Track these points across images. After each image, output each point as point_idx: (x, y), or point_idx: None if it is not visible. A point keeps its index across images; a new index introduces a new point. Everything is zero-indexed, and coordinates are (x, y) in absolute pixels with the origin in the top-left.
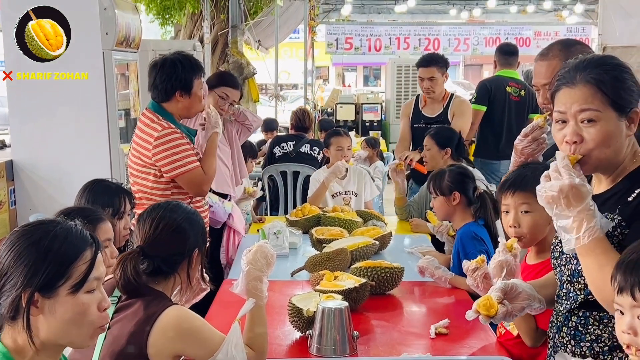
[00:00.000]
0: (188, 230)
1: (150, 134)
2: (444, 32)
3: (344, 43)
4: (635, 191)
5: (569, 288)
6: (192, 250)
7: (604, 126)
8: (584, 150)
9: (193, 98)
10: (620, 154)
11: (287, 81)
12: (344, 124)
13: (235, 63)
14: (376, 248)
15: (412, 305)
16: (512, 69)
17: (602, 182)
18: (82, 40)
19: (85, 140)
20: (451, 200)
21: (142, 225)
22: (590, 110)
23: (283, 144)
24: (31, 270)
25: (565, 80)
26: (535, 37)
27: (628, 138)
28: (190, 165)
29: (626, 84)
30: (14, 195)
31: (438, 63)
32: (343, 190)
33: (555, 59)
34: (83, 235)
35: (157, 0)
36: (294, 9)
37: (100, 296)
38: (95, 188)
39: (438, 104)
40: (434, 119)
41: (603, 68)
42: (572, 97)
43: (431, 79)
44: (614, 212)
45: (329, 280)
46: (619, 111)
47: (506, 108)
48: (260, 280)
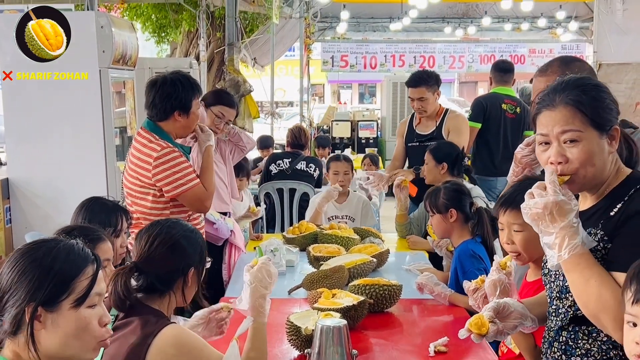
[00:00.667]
0: (184, 248)
1: (148, 154)
2: (439, 49)
3: (340, 61)
4: (617, 206)
5: (559, 304)
6: (188, 269)
7: (586, 145)
8: (569, 170)
9: (191, 118)
10: (605, 171)
11: (283, 98)
12: (339, 141)
13: (232, 81)
14: (374, 265)
15: (411, 323)
16: (508, 86)
17: (587, 199)
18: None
19: (81, 157)
20: (448, 217)
21: (139, 241)
22: (572, 131)
23: (279, 161)
24: (35, 285)
25: (546, 103)
26: (530, 55)
27: (611, 155)
28: (191, 183)
29: (604, 103)
30: (10, 214)
31: (427, 82)
32: (340, 214)
33: (554, 75)
34: (85, 252)
35: (153, 18)
36: (289, 27)
37: (101, 311)
38: (92, 206)
39: (431, 121)
40: (427, 137)
41: (581, 89)
42: (553, 119)
43: (421, 99)
44: (597, 227)
45: (327, 298)
46: (600, 130)
47: (502, 125)
48: (265, 298)
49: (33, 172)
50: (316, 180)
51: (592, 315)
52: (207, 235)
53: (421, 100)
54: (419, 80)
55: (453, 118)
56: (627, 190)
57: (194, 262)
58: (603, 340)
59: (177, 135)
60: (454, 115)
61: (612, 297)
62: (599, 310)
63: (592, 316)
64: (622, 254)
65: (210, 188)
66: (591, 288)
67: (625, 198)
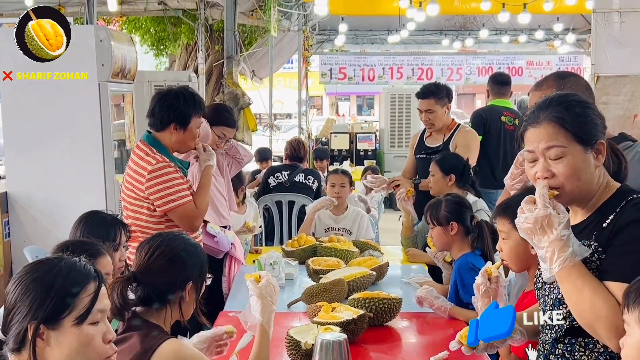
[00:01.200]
0: (184, 261)
1: (143, 167)
2: (437, 61)
3: (338, 73)
4: (609, 217)
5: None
6: (186, 283)
7: (571, 160)
8: (556, 184)
9: (187, 134)
10: (593, 185)
11: (281, 111)
12: (338, 153)
13: (231, 94)
14: (373, 278)
15: (411, 337)
16: (505, 98)
17: (578, 213)
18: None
19: (80, 171)
20: (449, 230)
21: (139, 252)
22: (556, 147)
23: (277, 174)
24: (36, 303)
25: (531, 120)
26: (527, 67)
27: (598, 169)
28: (182, 199)
29: (588, 118)
30: (8, 227)
31: (436, 95)
32: (336, 226)
33: (550, 90)
34: (86, 269)
35: (152, 31)
36: (288, 39)
37: (104, 328)
38: (90, 220)
39: (441, 134)
40: (434, 149)
41: (564, 105)
42: (538, 135)
43: (429, 112)
44: (590, 239)
45: (326, 312)
46: (584, 144)
47: (502, 137)
48: (273, 312)
49: (32, 185)
50: (315, 192)
51: (587, 324)
52: (207, 249)
53: (429, 112)
54: (427, 92)
55: (463, 133)
56: (618, 203)
57: (192, 276)
58: (600, 352)
59: (174, 150)
60: (465, 130)
61: (605, 307)
62: (593, 320)
63: (587, 326)
64: (615, 264)
65: (202, 207)
66: (584, 298)
67: (617, 210)
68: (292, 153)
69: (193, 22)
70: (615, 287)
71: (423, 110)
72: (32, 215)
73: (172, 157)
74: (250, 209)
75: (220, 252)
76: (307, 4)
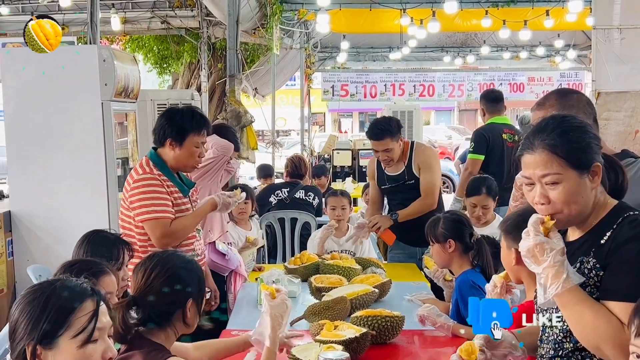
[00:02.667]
0: (181, 280)
1: (132, 175)
2: (439, 78)
3: (340, 90)
4: (606, 234)
5: (550, 332)
6: (186, 300)
7: (567, 186)
8: (553, 210)
9: (183, 151)
10: (589, 206)
11: (284, 127)
12: (340, 170)
13: (233, 112)
14: (376, 296)
15: (414, 355)
16: (502, 114)
17: (575, 231)
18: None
19: (83, 189)
20: (447, 247)
21: (135, 274)
22: (551, 175)
23: (277, 192)
24: (31, 323)
25: (526, 147)
26: (528, 83)
27: (594, 190)
28: (156, 214)
29: (582, 144)
30: (12, 246)
31: (390, 132)
32: (339, 249)
33: (552, 109)
34: (82, 287)
35: (155, 50)
36: (290, 57)
37: (104, 345)
38: (94, 239)
39: (400, 161)
40: (399, 177)
41: (557, 132)
42: (533, 162)
43: (386, 151)
44: (588, 256)
45: (329, 330)
46: (579, 169)
47: (504, 155)
48: (280, 333)
49: (35, 204)
50: (316, 208)
51: (592, 347)
52: (214, 266)
53: (386, 151)
54: (381, 133)
55: (420, 153)
56: (615, 220)
57: (192, 293)
58: None
59: (175, 167)
60: (421, 149)
61: (608, 328)
62: (598, 342)
63: (592, 347)
64: (615, 283)
65: (177, 229)
66: (586, 321)
67: (614, 226)
68: (293, 170)
69: (196, 41)
70: (616, 307)
71: (380, 150)
72: (35, 234)
73: (171, 174)
74: (254, 227)
75: (228, 269)
76: (309, 22)
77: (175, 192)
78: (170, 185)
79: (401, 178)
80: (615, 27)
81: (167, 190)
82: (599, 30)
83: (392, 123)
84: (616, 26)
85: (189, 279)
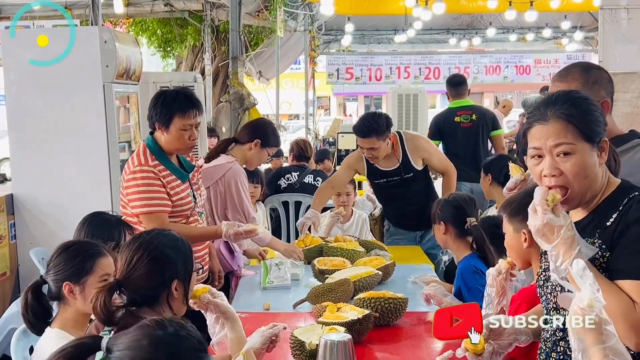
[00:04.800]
0: (164, 260)
1: (129, 164)
2: (444, 61)
3: (345, 73)
4: (612, 216)
5: (555, 315)
6: (171, 281)
7: (580, 158)
8: (563, 182)
9: (170, 135)
10: (597, 183)
11: (289, 111)
12: (345, 153)
13: (236, 94)
14: (379, 278)
15: (417, 337)
16: (463, 97)
17: (577, 211)
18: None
19: (85, 172)
20: (441, 229)
21: (120, 256)
22: (565, 144)
23: (288, 175)
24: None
25: (537, 117)
26: (535, 65)
27: (601, 167)
28: (152, 207)
29: (594, 116)
30: (14, 229)
31: (377, 131)
32: (343, 234)
33: (575, 82)
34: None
35: (159, 33)
36: (294, 40)
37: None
38: (94, 221)
39: (391, 156)
40: (395, 172)
41: (572, 102)
42: (546, 132)
43: (371, 149)
44: (594, 237)
45: (331, 312)
46: (591, 142)
47: (459, 135)
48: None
49: (38, 187)
50: None
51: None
52: (221, 262)
53: (372, 150)
54: (367, 131)
55: (414, 145)
56: (621, 199)
57: (177, 273)
58: None
59: (168, 151)
60: (413, 142)
61: (620, 305)
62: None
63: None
64: (627, 262)
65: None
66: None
67: (620, 208)
68: (299, 153)
69: (199, 24)
70: (628, 286)
71: (365, 148)
72: (38, 217)
73: (167, 160)
74: (260, 211)
75: (229, 268)
76: (313, 4)
77: (173, 180)
78: (167, 175)
79: (398, 173)
80: (623, 7)
81: (163, 182)
82: (606, 10)
83: (381, 121)
84: (623, 6)
85: (173, 258)
